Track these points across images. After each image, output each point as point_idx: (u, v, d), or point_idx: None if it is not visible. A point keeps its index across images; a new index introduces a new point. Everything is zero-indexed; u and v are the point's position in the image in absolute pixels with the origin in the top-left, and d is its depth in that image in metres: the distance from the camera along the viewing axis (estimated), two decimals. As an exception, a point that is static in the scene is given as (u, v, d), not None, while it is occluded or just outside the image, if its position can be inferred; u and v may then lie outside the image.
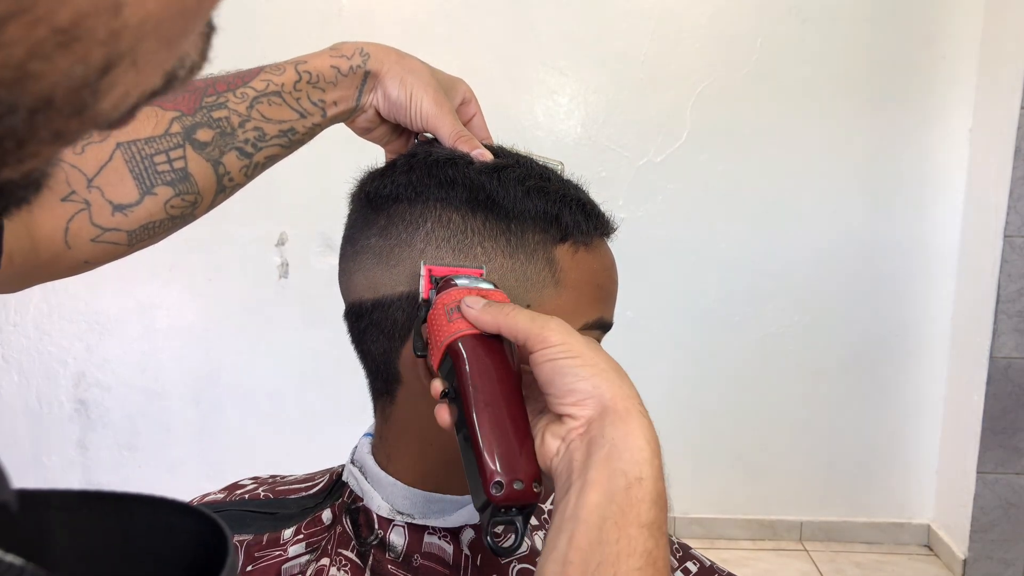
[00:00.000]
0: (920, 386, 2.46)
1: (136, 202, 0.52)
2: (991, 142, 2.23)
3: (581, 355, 0.42)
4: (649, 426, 0.41)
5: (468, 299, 0.46)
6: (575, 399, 0.42)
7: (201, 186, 0.55)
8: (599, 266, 0.57)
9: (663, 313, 2.42)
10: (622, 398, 0.41)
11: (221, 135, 0.54)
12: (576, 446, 0.41)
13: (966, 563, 2.31)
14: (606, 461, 0.39)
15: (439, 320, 0.47)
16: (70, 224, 0.50)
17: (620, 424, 0.40)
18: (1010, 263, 2.17)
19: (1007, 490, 2.28)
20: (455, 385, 0.45)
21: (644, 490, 0.39)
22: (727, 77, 2.32)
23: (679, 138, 2.36)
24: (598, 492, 0.39)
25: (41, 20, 0.16)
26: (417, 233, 0.53)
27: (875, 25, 2.30)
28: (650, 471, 0.40)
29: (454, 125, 0.59)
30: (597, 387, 0.41)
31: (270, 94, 0.56)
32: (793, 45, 2.31)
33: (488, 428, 0.43)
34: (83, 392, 2.49)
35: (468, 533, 0.57)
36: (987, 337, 2.22)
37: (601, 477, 0.39)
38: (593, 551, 0.38)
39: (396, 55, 0.60)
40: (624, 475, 0.39)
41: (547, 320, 0.44)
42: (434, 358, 0.47)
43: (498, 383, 0.45)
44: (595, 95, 2.36)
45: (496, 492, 0.42)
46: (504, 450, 0.43)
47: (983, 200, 2.27)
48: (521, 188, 0.54)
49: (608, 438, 0.40)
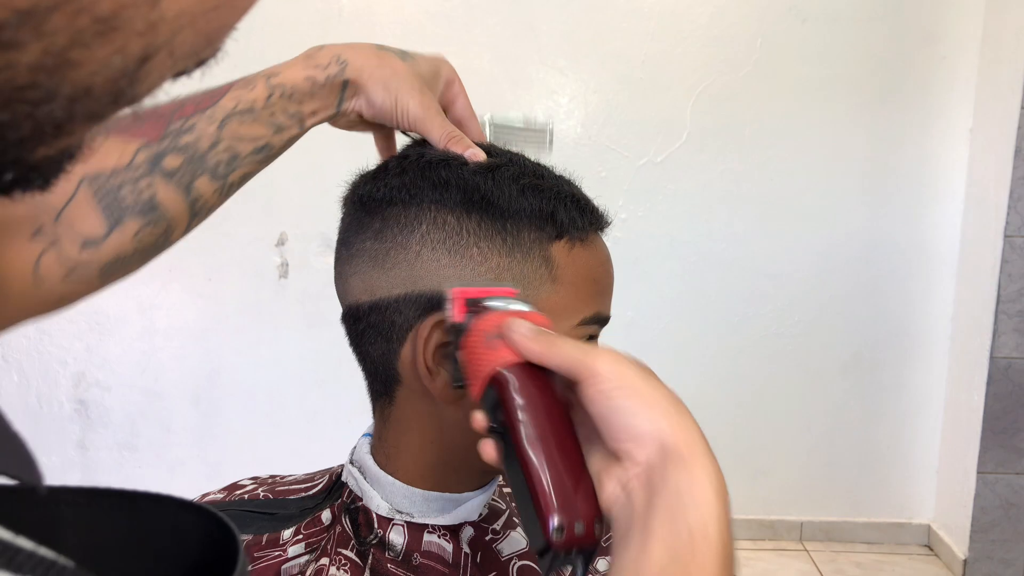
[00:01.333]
0: (920, 386, 2.46)
1: (104, 236, 0.50)
2: (991, 142, 2.23)
3: (637, 389, 0.39)
4: (716, 472, 0.37)
5: (513, 323, 0.43)
6: (632, 436, 0.38)
7: (172, 214, 0.53)
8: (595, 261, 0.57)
9: (663, 313, 2.42)
10: (685, 438, 0.38)
11: (190, 160, 0.52)
12: (636, 492, 0.38)
13: (966, 563, 2.31)
14: (670, 514, 0.36)
15: (478, 347, 0.44)
16: (40, 261, 0.48)
17: (684, 470, 0.37)
18: (1010, 263, 2.17)
19: (1007, 490, 2.28)
20: (501, 419, 0.42)
21: (710, 547, 0.36)
22: (727, 77, 2.33)
23: (679, 138, 2.36)
24: (661, 548, 0.36)
25: (84, 10, 0.16)
26: (412, 236, 0.53)
27: (875, 25, 2.30)
28: (717, 526, 0.36)
29: (443, 127, 0.57)
30: (657, 425, 0.38)
31: (241, 112, 0.54)
32: (793, 45, 2.31)
33: (543, 466, 0.40)
34: (83, 392, 2.48)
35: (467, 531, 0.57)
36: (987, 337, 2.22)
37: (664, 531, 0.36)
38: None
39: (376, 59, 0.57)
40: (689, 530, 0.36)
41: (598, 351, 0.41)
42: (474, 388, 0.44)
43: (548, 417, 0.41)
44: (595, 95, 2.36)
45: (557, 538, 0.39)
46: (561, 490, 0.40)
47: (983, 200, 2.27)
48: (515, 187, 0.54)
49: (671, 486, 0.37)
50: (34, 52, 0.16)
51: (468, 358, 0.45)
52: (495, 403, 0.43)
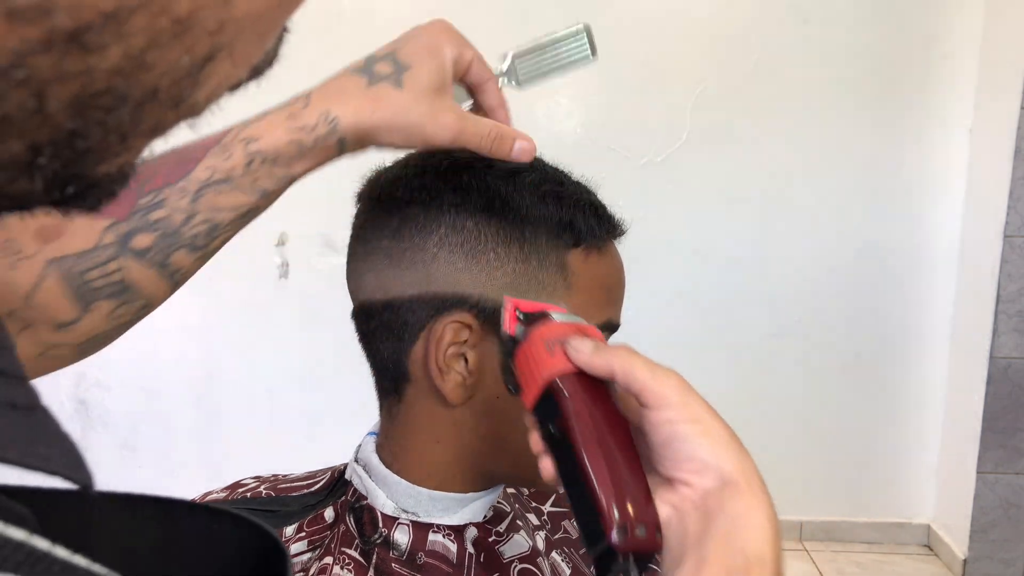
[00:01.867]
0: (920, 386, 2.46)
1: (76, 319, 0.47)
2: (991, 142, 2.23)
3: (702, 421, 0.40)
4: (771, 505, 0.39)
5: (575, 340, 0.43)
6: (694, 467, 0.39)
7: (148, 292, 0.49)
8: (609, 269, 0.57)
9: (663, 313, 2.42)
10: (744, 472, 0.39)
11: (163, 237, 0.48)
12: (691, 517, 0.39)
13: (966, 563, 2.31)
14: (725, 538, 0.37)
15: (537, 354, 0.44)
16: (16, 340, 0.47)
17: (741, 499, 0.38)
18: (1010, 263, 2.17)
19: (1007, 490, 2.28)
20: (558, 425, 0.42)
21: (764, 570, 0.36)
22: (727, 77, 2.33)
23: (679, 138, 2.36)
24: (716, 570, 0.36)
25: (164, 11, 0.16)
26: (430, 237, 0.53)
27: (875, 25, 2.30)
28: (771, 553, 0.37)
29: (477, 134, 0.52)
30: (719, 458, 0.39)
31: (217, 183, 0.48)
32: (793, 45, 2.31)
33: (604, 467, 0.40)
34: (83, 392, 2.48)
35: (472, 531, 0.57)
36: (987, 337, 2.22)
37: (719, 556, 0.37)
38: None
39: (369, 103, 0.50)
40: (744, 556, 0.37)
41: (667, 375, 0.41)
42: (529, 395, 0.44)
43: (608, 423, 0.42)
44: (595, 95, 2.36)
45: (619, 539, 0.38)
46: (624, 492, 0.39)
47: (983, 200, 2.27)
48: (536, 194, 0.54)
49: (729, 514, 0.38)
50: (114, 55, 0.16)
51: (524, 365, 0.45)
52: (552, 409, 0.42)
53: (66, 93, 0.16)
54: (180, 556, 0.26)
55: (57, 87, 0.16)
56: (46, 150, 0.17)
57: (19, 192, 0.18)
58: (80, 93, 0.17)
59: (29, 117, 0.16)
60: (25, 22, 0.15)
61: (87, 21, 0.15)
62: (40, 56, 0.16)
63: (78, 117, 0.17)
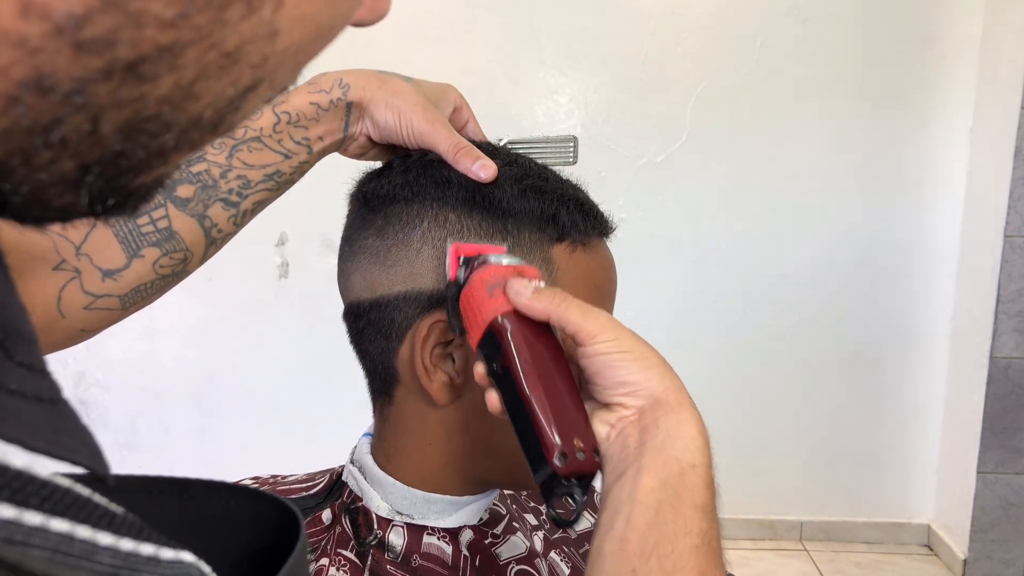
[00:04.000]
0: (920, 386, 2.46)
1: (124, 266, 0.52)
2: (991, 142, 2.23)
3: (632, 350, 0.43)
4: (699, 418, 0.43)
5: (514, 283, 0.46)
6: (627, 390, 0.43)
7: (189, 242, 0.54)
8: (597, 266, 0.56)
9: (663, 313, 2.42)
10: (673, 391, 0.43)
11: (203, 188, 0.54)
12: (629, 432, 0.43)
13: (966, 563, 2.31)
14: (660, 449, 0.41)
15: (478, 296, 0.47)
16: (62, 293, 0.50)
17: (672, 414, 0.42)
18: (1010, 263, 2.17)
19: (1007, 490, 2.28)
20: (501, 363, 0.45)
21: (697, 476, 0.41)
22: (727, 77, 2.32)
23: (679, 138, 2.36)
24: (653, 477, 0.40)
25: (215, 45, 0.18)
26: (414, 233, 0.53)
27: (875, 25, 2.30)
28: (702, 459, 0.42)
29: (450, 138, 0.56)
30: (649, 379, 0.43)
31: (249, 140, 0.55)
32: (793, 45, 2.31)
33: (544, 399, 0.43)
34: (83, 392, 2.48)
35: (467, 534, 0.57)
36: (987, 337, 2.21)
37: (656, 463, 0.41)
38: (651, 530, 0.39)
39: (377, 80, 0.58)
40: (678, 462, 0.41)
41: (597, 314, 0.44)
42: (473, 336, 0.47)
43: (546, 355, 0.45)
44: (595, 95, 2.36)
45: (560, 463, 0.42)
46: (564, 420, 0.43)
47: (983, 200, 2.27)
48: (518, 187, 0.54)
49: (662, 427, 0.42)
50: (166, 85, 0.18)
51: (467, 307, 0.47)
52: (494, 348, 0.45)
53: (119, 118, 0.18)
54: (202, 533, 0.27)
55: (112, 113, 0.17)
56: (94, 169, 0.18)
57: (64, 205, 0.19)
58: (132, 119, 0.18)
59: (83, 139, 0.17)
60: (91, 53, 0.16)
61: (145, 53, 0.17)
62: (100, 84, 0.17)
63: (127, 140, 0.18)
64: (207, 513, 0.28)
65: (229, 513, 0.28)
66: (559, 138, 0.66)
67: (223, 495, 0.29)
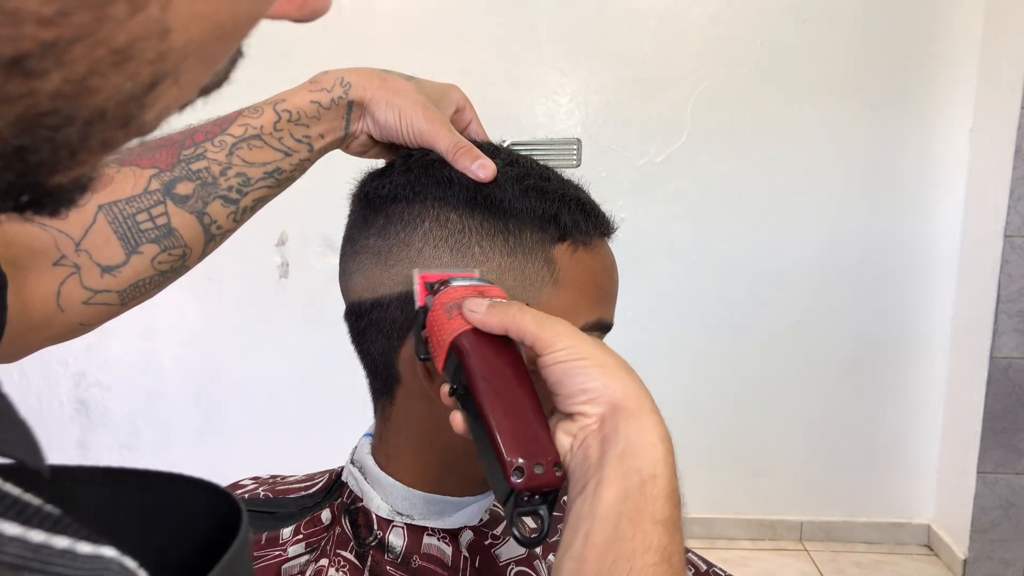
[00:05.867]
0: (920, 386, 2.46)
1: (123, 262, 0.52)
2: (991, 142, 2.23)
3: (590, 356, 0.42)
4: (661, 423, 0.41)
5: (469, 302, 0.46)
6: (587, 397, 0.42)
7: (188, 238, 0.55)
8: (599, 266, 0.56)
9: (663, 313, 2.42)
10: (634, 396, 0.42)
11: (202, 186, 0.54)
12: (590, 443, 0.41)
13: (966, 563, 2.31)
14: (620, 459, 0.40)
15: (439, 320, 0.46)
16: (62, 288, 0.50)
17: (633, 421, 0.41)
18: (1010, 263, 2.17)
19: (1007, 490, 2.28)
20: (463, 382, 0.44)
21: (659, 487, 0.39)
22: (727, 77, 2.32)
23: (679, 138, 2.36)
24: (613, 489, 0.39)
25: (102, 42, 0.18)
26: (415, 232, 0.53)
27: (875, 25, 2.30)
28: (664, 468, 0.40)
29: (450, 137, 0.56)
30: (608, 386, 0.42)
31: (249, 138, 0.56)
32: (793, 45, 2.31)
33: (501, 415, 0.42)
34: (83, 392, 2.48)
35: (467, 535, 0.57)
36: (987, 337, 2.21)
37: (616, 475, 0.40)
38: (609, 548, 0.38)
39: (379, 79, 0.59)
40: (639, 472, 0.39)
41: (554, 322, 0.44)
42: (438, 359, 0.47)
43: (508, 371, 0.44)
44: (595, 95, 2.36)
45: (517, 479, 0.41)
46: (521, 435, 0.42)
47: (983, 200, 2.27)
48: (519, 187, 0.54)
49: (622, 435, 0.40)
50: (55, 80, 0.18)
51: (431, 332, 0.47)
52: (456, 368, 0.45)
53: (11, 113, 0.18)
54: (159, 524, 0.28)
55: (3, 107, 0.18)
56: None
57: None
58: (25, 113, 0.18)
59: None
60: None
61: (27, 50, 0.17)
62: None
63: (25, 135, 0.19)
64: (166, 505, 0.28)
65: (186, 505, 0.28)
66: (563, 140, 0.66)
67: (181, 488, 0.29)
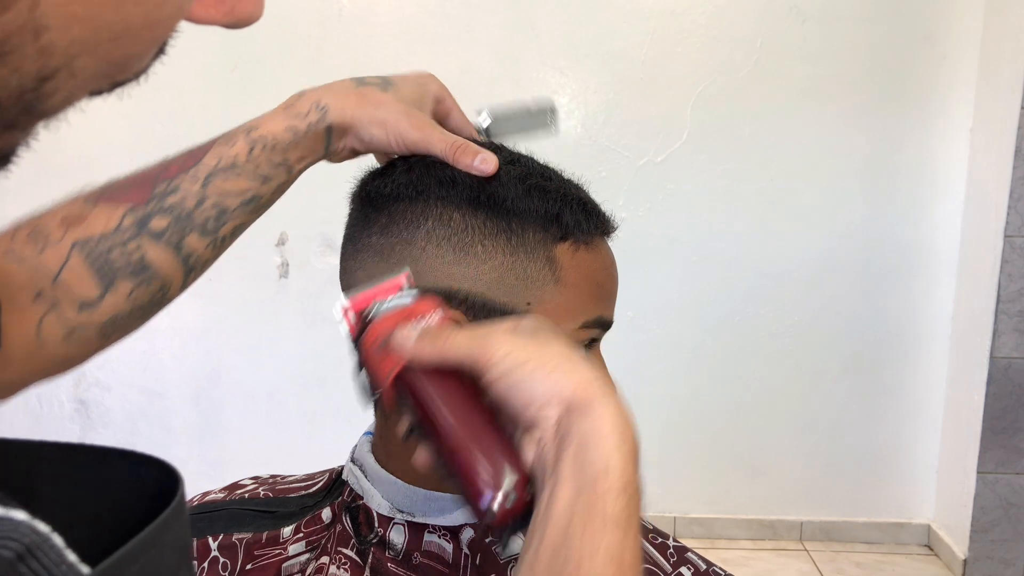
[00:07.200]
0: (920, 386, 2.46)
1: (99, 297, 0.52)
2: (991, 142, 2.23)
3: (529, 359, 0.40)
4: (615, 411, 0.39)
5: (396, 335, 0.43)
6: (538, 404, 0.40)
7: (165, 272, 0.54)
8: (599, 265, 0.57)
9: (663, 313, 2.42)
10: (583, 388, 0.39)
11: (177, 220, 0.54)
12: (548, 447, 0.40)
13: (966, 563, 2.31)
14: (575, 456, 0.38)
15: (374, 359, 0.44)
16: (41, 324, 0.50)
17: (586, 414, 0.39)
18: (1010, 263, 2.17)
19: (1007, 490, 2.28)
20: (418, 418, 0.42)
21: (610, 480, 0.38)
22: (727, 77, 2.33)
23: (679, 138, 2.36)
24: (568, 487, 0.38)
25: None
26: (418, 231, 0.53)
27: (875, 25, 2.30)
28: (617, 459, 0.38)
29: (444, 139, 0.56)
30: (556, 384, 0.40)
31: (224, 169, 0.54)
32: (793, 45, 2.31)
33: (462, 449, 0.41)
34: (83, 392, 2.49)
35: (468, 532, 0.57)
36: (987, 337, 2.22)
37: (571, 472, 0.38)
38: (558, 552, 0.37)
39: (355, 96, 0.57)
40: (592, 467, 0.38)
41: (486, 334, 0.42)
42: (386, 399, 0.44)
43: (456, 400, 0.42)
44: (595, 95, 2.36)
45: (491, 519, 0.40)
46: (485, 468, 0.40)
47: (983, 200, 2.27)
48: (522, 186, 0.54)
49: (575, 432, 0.39)
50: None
51: (370, 371, 0.45)
52: (404, 406, 0.43)
53: None
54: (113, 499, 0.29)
55: None
56: None
57: None
58: None
59: None
60: None
61: None
62: None
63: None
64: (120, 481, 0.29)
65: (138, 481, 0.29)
66: (539, 108, 0.66)
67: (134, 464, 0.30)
